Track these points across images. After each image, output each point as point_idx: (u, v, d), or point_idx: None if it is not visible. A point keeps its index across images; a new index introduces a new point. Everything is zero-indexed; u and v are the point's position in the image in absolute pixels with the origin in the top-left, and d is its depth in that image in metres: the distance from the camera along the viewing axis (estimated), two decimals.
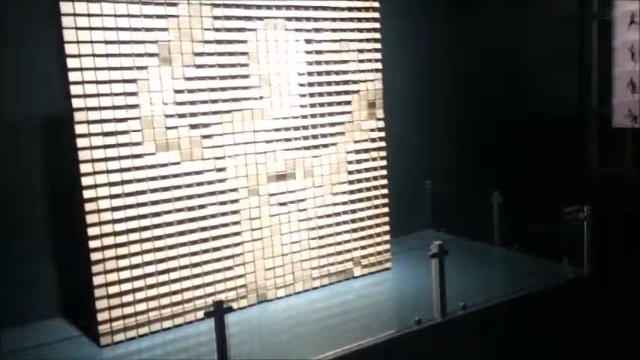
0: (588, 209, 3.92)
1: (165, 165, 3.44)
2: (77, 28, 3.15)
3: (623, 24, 5.81)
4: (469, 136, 5.51)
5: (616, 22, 5.87)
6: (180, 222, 3.51)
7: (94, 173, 3.24)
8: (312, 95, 3.96)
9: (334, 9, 4.01)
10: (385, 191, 4.33)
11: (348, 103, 4.12)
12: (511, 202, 4.68)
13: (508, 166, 5.65)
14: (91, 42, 3.19)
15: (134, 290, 3.39)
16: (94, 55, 3.20)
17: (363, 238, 4.24)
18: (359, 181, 4.20)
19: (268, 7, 3.74)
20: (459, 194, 5.08)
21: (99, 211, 3.27)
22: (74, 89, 3.17)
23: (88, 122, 3.21)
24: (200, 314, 3.37)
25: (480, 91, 5.58)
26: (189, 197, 3.53)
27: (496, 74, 5.69)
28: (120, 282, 3.34)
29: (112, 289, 3.32)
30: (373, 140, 4.24)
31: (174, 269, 3.51)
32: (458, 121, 5.44)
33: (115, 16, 3.25)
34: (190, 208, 3.54)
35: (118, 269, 3.33)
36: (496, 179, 5.21)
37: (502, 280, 4.20)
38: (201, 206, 3.58)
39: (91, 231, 3.25)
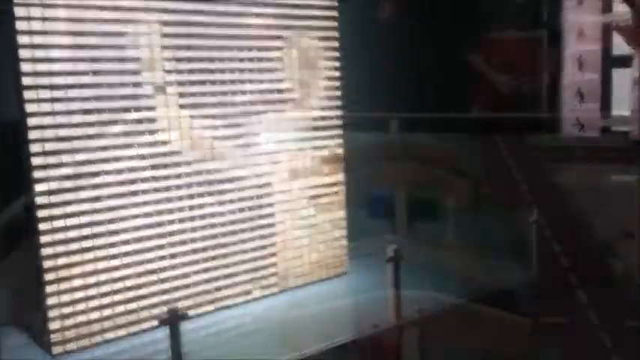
0: (537, 214, 4.05)
1: (121, 171, 3.41)
2: (31, 33, 3.10)
3: (572, 35, 6.03)
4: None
5: (565, 33, 6.09)
6: (136, 228, 3.48)
7: (47, 180, 3.18)
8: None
9: (292, 6, 4.03)
10: (341, 197, 4.37)
11: (310, 107, 4.15)
12: (466, 207, 4.79)
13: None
14: (46, 46, 3.15)
15: (87, 298, 3.33)
16: (48, 60, 3.16)
17: (320, 243, 4.27)
18: (316, 186, 4.23)
19: None
20: (415, 200, 5.15)
21: (51, 218, 3.21)
22: (27, 94, 3.11)
23: (42, 127, 3.16)
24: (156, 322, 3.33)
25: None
26: (145, 203, 3.51)
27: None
28: (72, 290, 3.29)
29: (65, 298, 3.26)
30: (331, 144, 4.29)
31: (128, 277, 3.47)
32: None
33: (71, 20, 3.21)
34: (147, 214, 3.51)
35: (71, 277, 3.28)
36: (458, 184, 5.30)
37: (456, 283, 4.29)
38: (159, 212, 3.55)
39: (44, 239, 3.20)
